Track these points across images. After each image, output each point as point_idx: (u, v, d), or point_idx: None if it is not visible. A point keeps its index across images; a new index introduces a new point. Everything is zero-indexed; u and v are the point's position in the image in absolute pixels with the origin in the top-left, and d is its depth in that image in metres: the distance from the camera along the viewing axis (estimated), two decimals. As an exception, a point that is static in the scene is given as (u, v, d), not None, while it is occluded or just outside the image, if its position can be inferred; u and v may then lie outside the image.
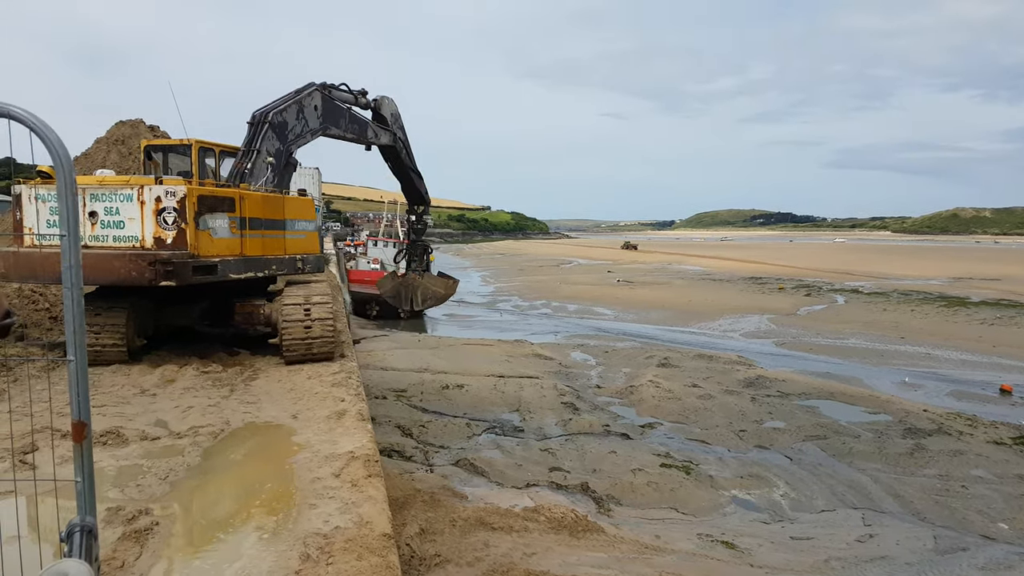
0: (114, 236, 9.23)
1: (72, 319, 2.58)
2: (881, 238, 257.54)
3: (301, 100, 13.44)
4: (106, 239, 9.22)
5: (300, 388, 8.78)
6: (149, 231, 9.19)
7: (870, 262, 74.35)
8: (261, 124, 12.30)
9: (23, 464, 5.73)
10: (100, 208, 9.19)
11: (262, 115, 12.47)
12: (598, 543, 8.49)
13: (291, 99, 13.26)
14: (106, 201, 9.19)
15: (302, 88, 13.86)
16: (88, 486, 2.63)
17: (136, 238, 9.22)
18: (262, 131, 12.25)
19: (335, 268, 32.83)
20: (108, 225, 9.21)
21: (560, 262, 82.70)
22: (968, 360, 23.18)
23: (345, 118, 15.59)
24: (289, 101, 13.17)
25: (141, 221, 9.19)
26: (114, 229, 9.22)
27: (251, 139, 12.23)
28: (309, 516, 4.86)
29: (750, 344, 26.49)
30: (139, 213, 9.18)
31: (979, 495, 11.26)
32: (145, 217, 9.18)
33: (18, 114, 2.43)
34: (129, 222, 9.20)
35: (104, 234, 9.21)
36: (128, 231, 9.22)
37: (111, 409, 7.59)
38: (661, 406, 16.29)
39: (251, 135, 12.27)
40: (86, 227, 9.11)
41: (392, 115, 18.78)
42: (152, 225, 9.17)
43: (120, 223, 9.22)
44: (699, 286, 48.92)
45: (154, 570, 4.15)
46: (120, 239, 9.24)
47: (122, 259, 8.98)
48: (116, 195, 9.21)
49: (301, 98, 13.44)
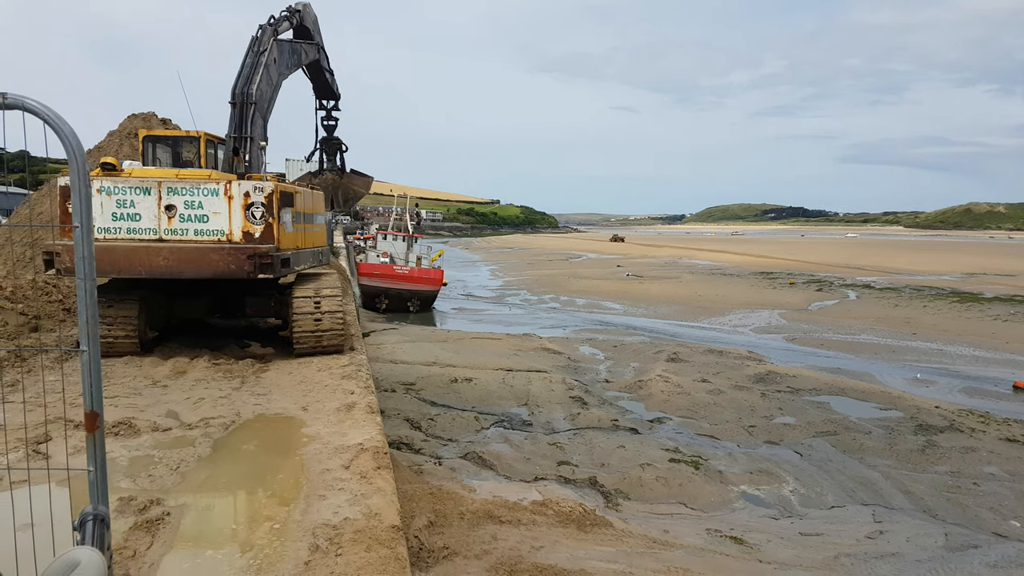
0: (195, 230, 9.31)
1: (85, 310, 2.60)
2: (893, 233, 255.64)
3: (267, 63, 12.23)
4: (186, 232, 9.30)
5: (310, 380, 8.83)
6: (237, 225, 9.35)
7: (882, 257, 73.82)
8: (247, 106, 11.62)
9: (37, 454, 5.79)
10: (179, 202, 9.25)
11: (243, 94, 11.63)
12: (606, 537, 8.50)
13: (259, 64, 12.04)
14: (186, 195, 9.27)
15: (260, 44, 12.33)
16: (100, 476, 2.65)
17: (222, 232, 9.34)
18: (249, 114, 11.64)
19: (344, 261, 32.92)
20: (189, 219, 9.30)
21: (569, 256, 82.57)
22: (981, 356, 23.00)
23: (286, 53, 13.64)
24: (259, 67, 12.02)
25: (228, 215, 9.34)
26: (196, 223, 9.31)
27: (239, 123, 11.59)
28: (319, 507, 4.89)
29: (760, 339, 26.38)
30: (226, 208, 9.33)
31: (991, 492, 11.19)
32: (233, 212, 9.34)
33: (32, 106, 2.44)
34: (214, 216, 9.32)
35: (183, 227, 9.29)
36: (213, 225, 9.33)
37: (123, 400, 7.65)
38: (670, 401, 16.26)
39: (238, 119, 11.60)
40: (161, 220, 9.22)
41: (314, 22, 16.22)
42: (241, 219, 9.34)
43: (203, 217, 9.31)
44: (709, 280, 48.73)
45: (165, 560, 4.19)
46: (203, 232, 9.32)
47: (221, 252, 9.21)
48: (199, 189, 9.29)
49: (266, 60, 12.20)
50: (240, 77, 11.79)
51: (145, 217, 9.19)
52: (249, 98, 11.58)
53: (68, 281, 13.20)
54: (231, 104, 11.62)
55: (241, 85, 11.67)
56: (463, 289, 45.47)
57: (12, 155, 35.11)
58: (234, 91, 11.66)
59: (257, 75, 11.87)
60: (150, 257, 9.09)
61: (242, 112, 11.55)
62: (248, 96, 11.57)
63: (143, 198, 9.16)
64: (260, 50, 12.26)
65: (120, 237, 9.14)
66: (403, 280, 34.51)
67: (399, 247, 38.96)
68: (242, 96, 11.57)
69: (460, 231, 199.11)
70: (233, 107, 11.61)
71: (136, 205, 9.15)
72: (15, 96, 2.41)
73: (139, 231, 9.20)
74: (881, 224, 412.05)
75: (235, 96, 11.61)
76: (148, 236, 9.20)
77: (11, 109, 2.42)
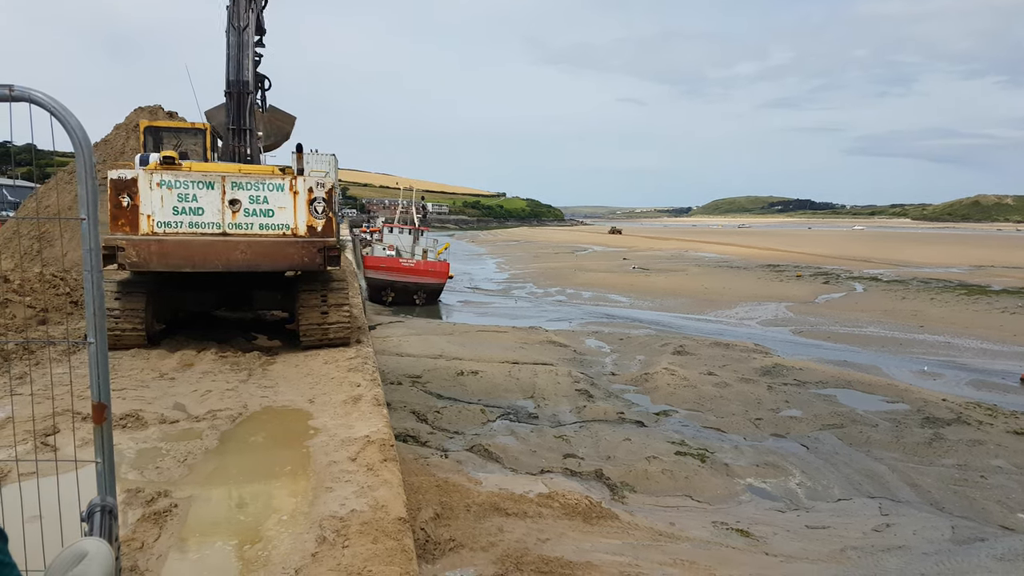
0: (260, 224, 9.43)
1: (92, 302, 2.60)
2: (901, 225, 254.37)
3: (250, 40, 11.59)
4: (250, 227, 9.40)
5: (316, 373, 8.85)
6: (302, 219, 9.51)
7: (889, 250, 73.49)
8: (243, 95, 11.28)
9: (45, 446, 5.82)
10: (244, 197, 9.33)
11: (239, 83, 11.21)
12: (612, 530, 8.50)
13: (244, 43, 11.36)
14: (251, 190, 9.35)
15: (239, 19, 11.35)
16: (108, 467, 2.66)
17: (287, 226, 9.48)
18: (247, 104, 11.34)
19: (351, 254, 32.95)
20: (253, 213, 9.40)
21: (575, 249, 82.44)
22: (988, 349, 22.89)
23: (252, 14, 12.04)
24: (246, 48, 11.40)
25: (294, 210, 9.46)
26: (260, 217, 9.42)
27: (237, 114, 11.29)
28: (325, 499, 4.90)
29: (767, 332, 26.32)
30: (291, 202, 9.46)
31: (998, 485, 11.15)
32: (298, 206, 9.47)
33: (39, 98, 2.43)
34: (279, 211, 9.45)
35: (248, 222, 9.39)
36: (278, 219, 9.47)
37: (130, 392, 7.68)
38: (676, 394, 16.24)
39: (236, 110, 11.28)
40: (225, 215, 9.28)
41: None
42: (305, 214, 9.50)
43: (269, 211, 9.43)
44: (716, 273, 48.61)
45: (173, 551, 4.21)
46: (267, 227, 9.46)
47: (296, 246, 9.42)
48: (264, 184, 9.40)
49: (248, 38, 11.51)
50: (230, 63, 11.32)
51: (208, 211, 9.22)
52: (245, 87, 11.34)
53: (76, 274, 13.26)
54: (227, 94, 11.33)
55: (233, 73, 11.31)
56: (469, 282, 45.49)
57: (19, 148, 35.27)
58: (228, 80, 11.29)
59: (246, 59, 11.48)
60: (228, 251, 9.20)
61: (239, 102, 11.32)
62: (244, 85, 11.33)
63: (206, 192, 9.19)
64: (241, 26, 11.57)
65: (182, 232, 9.15)
66: (409, 273, 34.55)
67: (405, 240, 38.99)
68: (238, 86, 11.28)
69: (466, 224, 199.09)
70: (230, 97, 11.31)
71: (199, 199, 9.17)
72: (21, 88, 2.40)
73: (201, 225, 9.21)
74: (888, 216, 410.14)
75: (230, 86, 11.29)
76: (211, 231, 9.24)
77: (18, 101, 2.42)
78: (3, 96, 2.37)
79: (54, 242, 17.73)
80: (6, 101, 2.39)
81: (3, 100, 2.38)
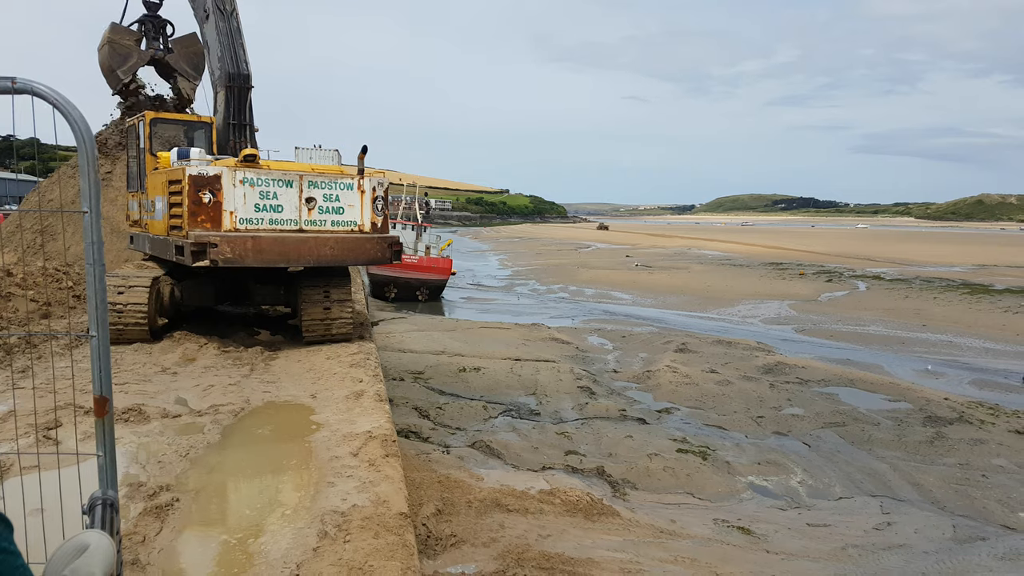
0: (332, 221, 9.93)
1: (94, 295, 2.60)
2: (904, 224, 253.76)
3: (241, 26, 11.31)
4: (324, 223, 9.87)
5: (319, 368, 8.85)
6: (367, 217, 10.15)
7: (892, 248, 73.32)
8: (244, 89, 11.14)
9: (47, 439, 5.83)
10: (319, 195, 9.76)
11: (240, 76, 11.02)
12: (613, 527, 8.51)
13: (235, 30, 11.16)
14: (324, 188, 9.81)
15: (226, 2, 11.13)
16: (110, 461, 2.66)
17: (355, 223, 10.06)
18: (247, 98, 11.25)
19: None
20: (327, 211, 9.86)
21: (578, 246, 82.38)
22: (991, 348, 22.84)
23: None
24: (238, 35, 11.21)
25: (360, 208, 10.07)
26: (332, 215, 9.91)
27: (238, 109, 11.16)
28: (327, 494, 4.90)
29: (769, 330, 26.29)
30: (359, 201, 10.05)
31: (1000, 484, 11.13)
32: (364, 205, 10.10)
33: (41, 90, 2.43)
34: (348, 208, 10.00)
35: (322, 219, 9.85)
36: (347, 216, 10.01)
37: (133, 387, 7.69)
38: (678, 391, 16.23)
39: (237, 104, 11.12)
40: (302, 212, 9.67)
41: None
42: (369, 212, 10.15)
43: (339, 209, 9.94)
44: (719, 271, 48.54)
45: (175, 545, 4.21)
46: (338, 224, 9.98)
47: (372, 242, 10.05)
48: (336, 183, 9.90)
49: (240, 23, 11.27)
50: (223, 54, 10.96)
51: (287, 209, 9.58)
52: (246, 80, 11.23)
53: (79, 268, 13.27)
54: (227, 88, 11.04)
55: (231, 65, 11.02)
56: (472, 279, 45.49)
57: (22, 143, 35.28)
58: (227, 73, 10.98)
59: (241, 49, 11.18)
60: (319, 247, 9.63)
61: (240, 96, 11.20)
62: (245, 79, 11.20)
63: (285, 190, 9.53)
64: (230, 10, 11.14)
65: (262, 228, 9.42)
66: (412, 269, 34.54)
67: (408, 236, 38.97)
68: (238, 80, 11.10)
69: (469, 220, 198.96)
70: (230, 91, 11.04)
71: (278, 197, 9.50)
72: (24, 80, 2.40)
73: (280, 222, 9.55)
74: (892, 215, 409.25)
75: (230, 80, 11.02)
76: (288, 227, 9.61)
77: (20, 94, 2.41)
78: (5, 89, 2.36)
79: (56, 236, 17.75)
80: (8, 94, 2.39)
81: (5, 93, 2.38)
